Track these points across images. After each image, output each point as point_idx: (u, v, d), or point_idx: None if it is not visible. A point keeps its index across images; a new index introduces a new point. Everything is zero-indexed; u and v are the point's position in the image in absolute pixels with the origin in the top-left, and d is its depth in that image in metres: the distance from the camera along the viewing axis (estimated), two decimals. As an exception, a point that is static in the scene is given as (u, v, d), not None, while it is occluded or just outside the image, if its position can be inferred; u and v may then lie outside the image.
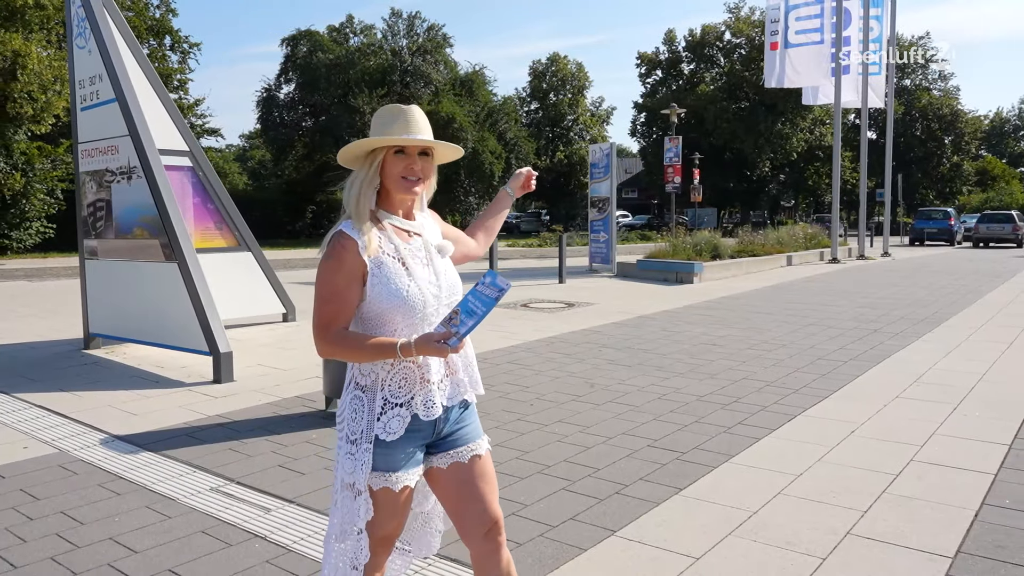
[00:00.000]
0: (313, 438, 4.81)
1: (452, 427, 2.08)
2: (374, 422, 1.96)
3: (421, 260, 2.03)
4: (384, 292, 1.93)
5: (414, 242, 2.05)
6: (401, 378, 1.97)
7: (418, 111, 2.04)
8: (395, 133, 1.98)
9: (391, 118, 2.00)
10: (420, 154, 2.01)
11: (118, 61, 7.04)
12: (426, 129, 2.03)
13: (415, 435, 1.99)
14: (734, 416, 5.22)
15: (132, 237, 7.12)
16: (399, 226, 2.04)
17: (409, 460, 1.99)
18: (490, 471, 2.13)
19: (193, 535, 3.37)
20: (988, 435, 4.73)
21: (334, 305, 1.94)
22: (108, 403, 5.67)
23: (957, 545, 3.20)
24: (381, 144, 1.98)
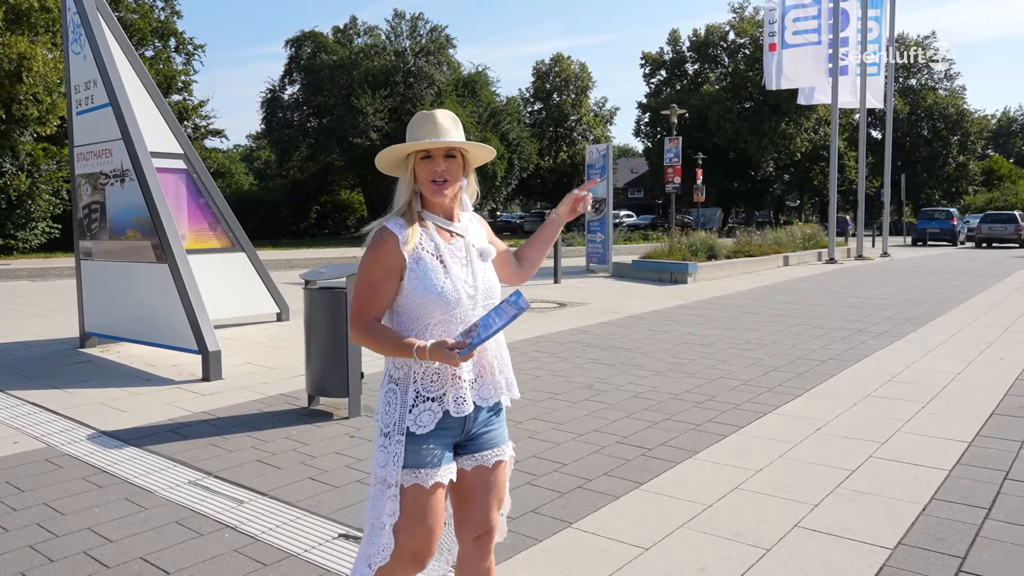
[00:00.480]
0: (293, 434, 4.96)
1: (480, 428, 2.12)
2: (406, 414, 2.01)
3: (460, 260, 2.09)
4: (420, 287, 2.00)
5: (455, 242, 2.11)
6: (434, 373, 2.02)
7: (444, 114, 2.10)
8: (421, 138, 2.05)
9: (418, 124, 2.08)
10: (447, 156, 2.06)
11: (111, 66, 7.21)
12: (452, 131, 2.07)
13: (445, 432, 2.03)
14: (705, 414, 5.34)
15: (125, 238, 7.29)
16: (441, 226, 2.11)
17: (440, 458, 2.02)
18: (504, 479, 2.19)
19: (167, 525, 3.52)
20: (951, 433, 4.83)
21: (368, 293, 2.03)
22: (98, 400, 5.83)
23: (899, 538, 3.32)
24: (405, 150, 2.06)
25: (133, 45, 27.13)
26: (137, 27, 30.76)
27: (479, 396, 2.08)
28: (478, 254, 2.13)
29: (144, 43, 31.21)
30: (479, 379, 2.08)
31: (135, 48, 28.20)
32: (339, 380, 5.32)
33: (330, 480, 4.10)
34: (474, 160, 2.17)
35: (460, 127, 2.12)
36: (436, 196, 2.08)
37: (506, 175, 37.50)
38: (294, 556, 3.19)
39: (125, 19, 30.55)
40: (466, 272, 2.07)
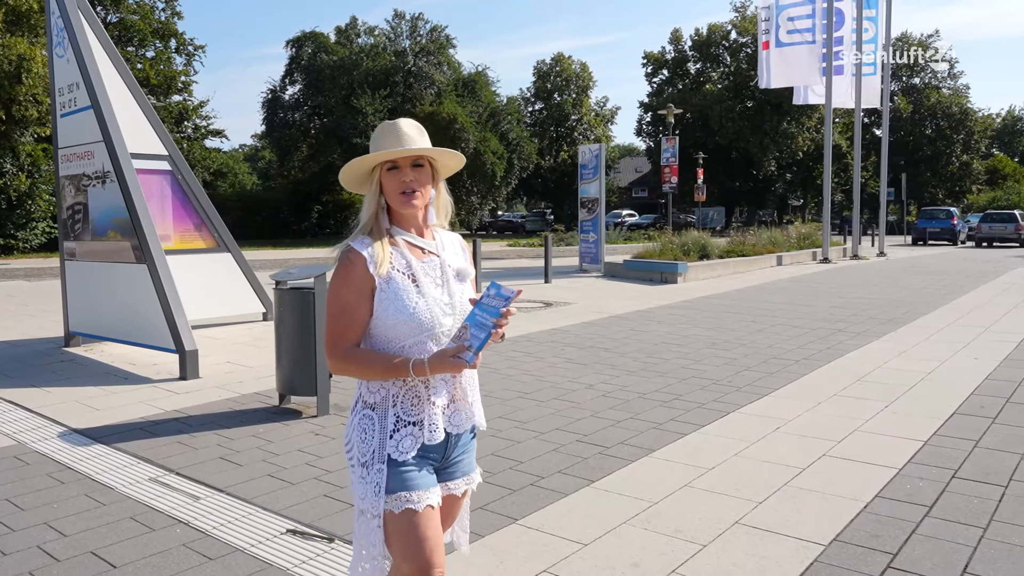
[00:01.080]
0: (260, 432, 5.04)
1: (459, 454, 2.04)
2: (386, 440, 1.90)
3: (435, 279, 1.98)
4: (391, 308, 1.89)
5: (429, 261, 2.00)
6: (413, 396, 1.93)
7: (408, 123, 2.01)
8: (385, 149, 1.95)
9: (382, 135, 1.99)
10: (415, 166, 1.96)
11: (93, 69, 7.31)
12: (418, 139, 1.98)
13: (425, 458, 1.95)
14: (669, 413, 5.40)
15: (106, 239, 7.38)
16: (413, 243, 2.00)
17: (427, 480, 1.94)
18: (465, 509, 2.17)
19: (121, 521, 3.61)
20: (908, 432, 4.88)
21: (343, 320, 1.91)
22: (74, 398, 5.93)
23: (835, 534, 3.38)
24: (370, 162, 1.97)
25: (134, 46, 27.14)
26: (137, 28, 30.95)
27: (450, 423, 1.99)
28: (455, 274, 2.01)
29: (145, 44, 31.41)
30: (452, 404, 1.99)
31: (136, 49, 28.28)
32: (308, 379, 5.40)
33: (288, 477, 4.18)
34: (444, 169, 2.06)
35: (426, 136, 2.03)
36: (406, 208, 1.96)
37: (506, 175, 37.56)
38: (240, 551, 3.27)
39: (125, 20, 30.75)
40: (441, 292, 1.97)
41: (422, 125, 2.07)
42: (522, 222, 49.20)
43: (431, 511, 1.91)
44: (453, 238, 2.12)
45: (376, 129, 2.03)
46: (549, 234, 15.68)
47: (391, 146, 1.95)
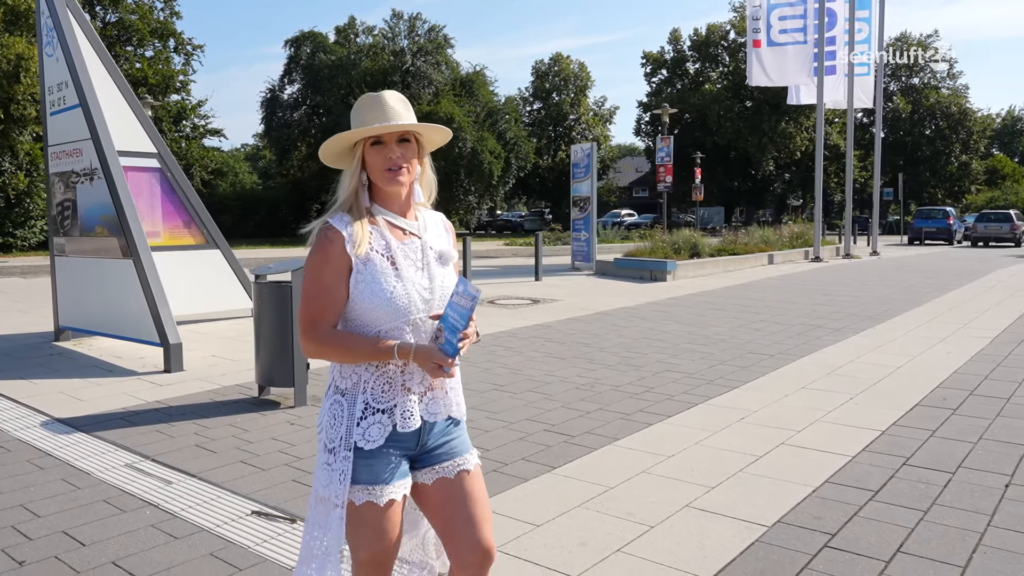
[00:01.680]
0: (237, 422, 5.17)
1: (438, 439, 1.95)
2: (353, 428, 1.85)
3: (415, 262, 1.90)
4: (367, 291, 1.82)
5: (410, 242, 1.92)
6: (385, 382, 1.86)
7: (393, 96, 1.91)
8: (369, 123, 1.85)
9: (365, 108, 1.89)
10: (401, 141, 1.88)
11: (81, 68, 7.44)
12: (403, 114, 1.89)
13: (396, 445, 1.88)
14: (638, 404, 5.53)
15: (94, 235, 7.52)
16: (394, 223, 1.92)
17: (394, 472, 1.87)
18: (480, 490, 1.99)
19: (94, 503, 3.74)
20: (869, 422, 5.00)
21: (321, 301, 1.84)
22: (59, 390, 6.06)
23: (779, 517, 3.51)
24: (353, 137, 1.87)
25: (133, 45, 27.29)
26: (136, 28, 31.11)
27: (427, 411, 1.91)
28: (436, 257, 1.94)
29: (144, 43, 31.58)
30: (428, 393, 1.92)
31: (135, 48, 28.40)
32: (286, 371, 5.53)
33: (260, 463, 4.31)
34: (429, 144, 1.98)
35: (411, 109, 1.94)
36: (392, 185, 1.88)
37: (503, 174, 37.67)
38: (206, 531, 3.40)
39: (124, 20, 30.91)
40: (421, 276, 1.89)
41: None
42: (521, 221, 49.34)
43: (393, 505, 1.86)
44: (436, 218, 2.05)
45: (358, 101, 1.92)
46: (540, 233, 15.78)
47: (376, 120, 1.85)
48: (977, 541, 3.23)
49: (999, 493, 3.76)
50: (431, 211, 2.05)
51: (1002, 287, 13.44)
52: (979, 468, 4.12)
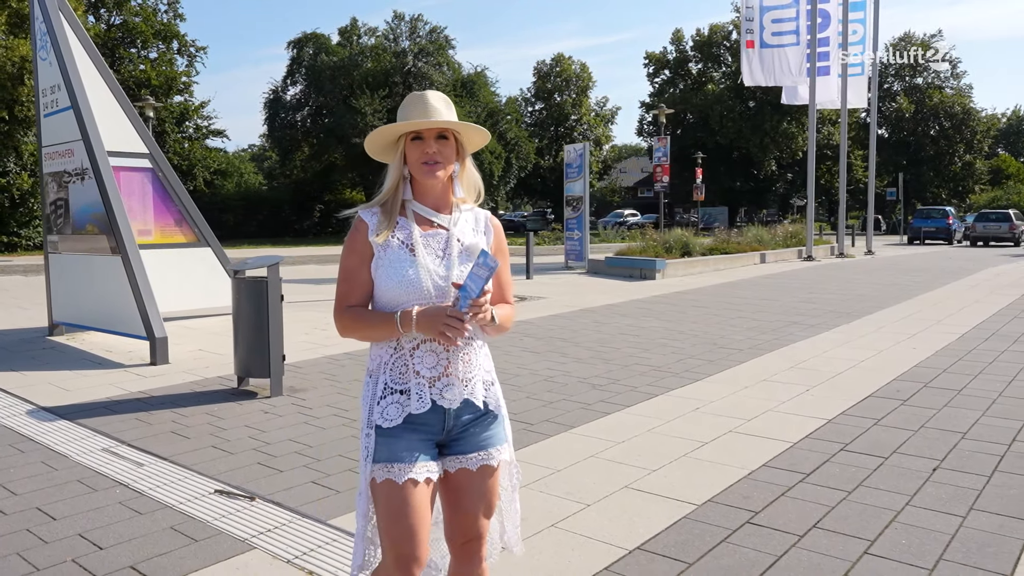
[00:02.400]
0: (214, 411, 5.40)
1: (462, 429, 1.99)
2: (374, 407, 1.94)
3: (435, 251, 1.97)
4: (384, 275, 1.93)
5: (435, 233, 1.99)
6: (402, 364, 1.94)
7: (436, 95, 2.01)
8: (411, 119, 1.96)
9: (409, 105, 1.99)
10: (439, 138, 1.97)
11: (73, 71, 7.69)
12: (444, 111, 1.98)
13: (421, 428, 1.93)
14: (601, 395, 5.73)
15: (86, 233, 7.77)
16: (423, 215, 2.01)
17: (414, 452, 1.91)
18: (492, 488, 2.03)
19: (68, 483, 3.97)
20: (818, 412, 5.20)
21: (347, 284, 1.99)
22: (48, 381, 6.31)
23: (710, 496, 3.71)
24: (395, 131, 1.98)
25: (136, 47, 27.60)
26: (140, 30, 31.45)
27: (442, 396, 1.94)
28: (462, 249, 1.99)
29: (147, 45, 31.93)
30: (444, 378, 1.94)
31: (139, 50, 28.70)
32: (262, 362, 5.76)
33: (229, 448, 4.54)
34: (469, 144, 2.07)
35: (452, 109, 2.03)
36: (428, 178, 1.97)
37: (504, 174, 37.89)
38: (169, 507, 3.63)
39: (128, 22, 31.26)
40: (439, 264, 1.95)
41: None
42: (523, 221, 49.54)
43: (413, 486, 1.87)
44: (479, 216, 2.10)
45: (404, 99, 2.03)
46: (530, 233, 16.01)
47: (417, 116, 1.95)
48: (892, 519, 3.42)
49: (925, 476, 3.96)
50: (475, 209, 2.10)
51: (986, 285, 13.58)
52: (912, 454, 4.31)
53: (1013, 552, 3.08)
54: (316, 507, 3.62)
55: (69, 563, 3.06)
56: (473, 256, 1.97)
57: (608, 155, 56.84)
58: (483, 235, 2.06)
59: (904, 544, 3.16)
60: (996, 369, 6.48)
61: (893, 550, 3.11)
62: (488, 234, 2.07)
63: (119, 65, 31.07)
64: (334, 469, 4.15)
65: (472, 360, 1.99)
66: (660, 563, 3.03)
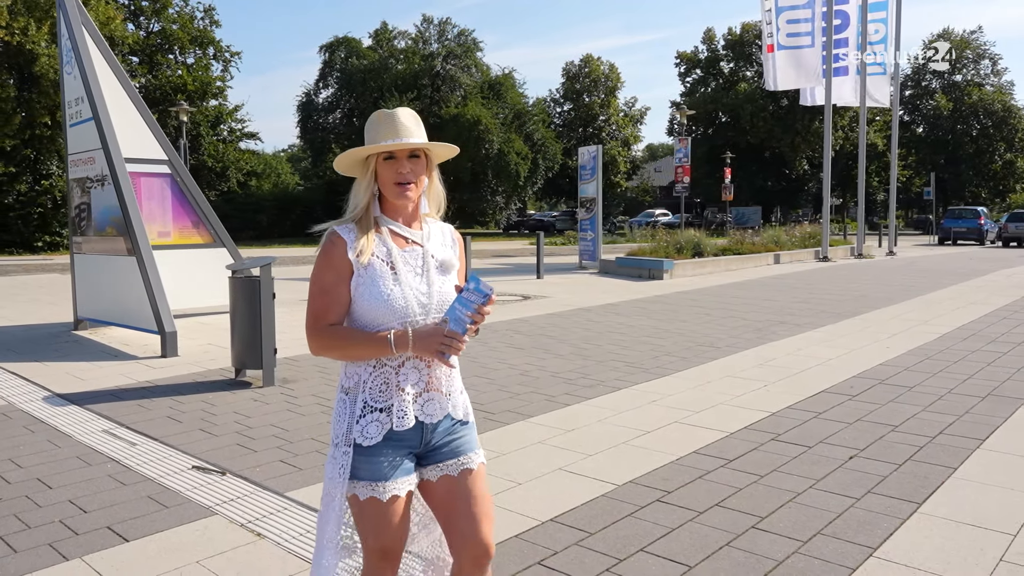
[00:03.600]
0: (209, 399, 5.90)
1: (443, 438, 2.03)
2: (353, 425, 1.93)
3: (414, 268, 1.99)
4: (366, 294, 1.92)
5: (411, 250, 2.02)
6: (382, 382, 1.94)
7: (405, 114, 2.01)
8: (382, 139, 1.97)
9: (379, 124, 1.98)
10: (411, 157, 1.98)
11: (94, 84, 8.30)
12: (414, 131, 2.00)
13: (398, 443, 1.95)
14: (567, 388, 6.11)
15: (105, 235, 8.38)
16: (397, 232, 2.02)
17: (396, 469, 1.94)
18: (482, 488, 2.06)
19: (68, 459, 4.48)
20: (766, 405, 5.50)
21: (323, 300, 1.95)
22: (66, 371, 6.89)
23: (632, 478, 4.07)
24: (367, 152, 1.98)
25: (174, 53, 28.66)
26: (177, 36, 32.57)
27: (423, 412, 1.98)
28: (437, 265, 2.02)
29: (184, 51, 33.05)
30: (425, 393, 1.98)
31: (176, 56, 29.76)
32: (255, 355, 6.26)
33: (215, 431, 5.02)
34: (437, 158, 2.09)
35: (422, 126, 2.05)
36: (400, 199, 1.99)
37: (530, 175, 38.28)
38: (150, 480, 4.11)
39: (166, 29, 32.39)
40: (420, 281, 1.98)
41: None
42: (553, 221, 49.90)
43: (396, 500, 1.94)
44: (444, 229, 2.14)
45: (372, 116, 2.03)
46: (540, 233, 16.38)
47: (388, 136, 1.96)
48: (790, 499, 3.75)
49: (839, 463, 4.26)
50: (439, 223, 2.14)
51: (993, 286, 13.58)
52: (836, 443, 4.61)
53: (888, 529, 3.39)
54: (277, 481, 4.07)
55: (56, 523, 3.55)
56: (446, 271, 2.03)
57: (639, 155, 56.89)
58: (450, 248, 2.10)
59: (790, 521, 3.49)
60: (958, 368, 6.70)
61: (778, 525, 3.45)
62: (454, 247, 2.12)
63: (157, 71, 32.22)
64: (303, 450, 4.60)
65: (452, 373, 2.04)
66: (566, 532, 3.41)
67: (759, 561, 3.10)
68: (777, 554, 3.16)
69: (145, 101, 27.88)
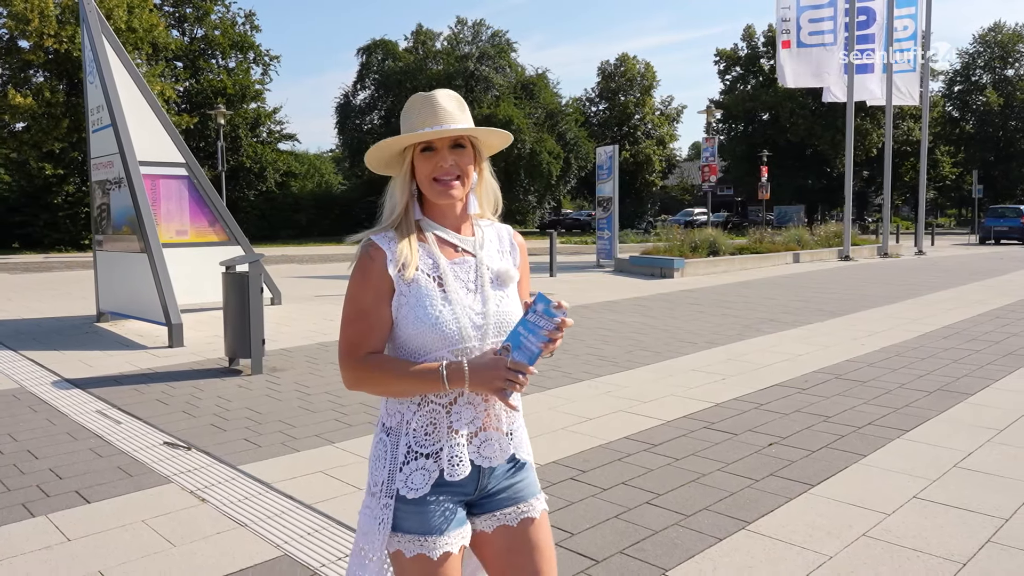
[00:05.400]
0: (199, 385, 6.40)
1: (500, 483, 1.72)
2: (396, 473, 1.64)
3: (466, 283, 1.69)
4: (411, 316, 1.62)
5: (462, 260, 1.71)
6: (429, 423, 1.64)
7: (445, 95, 1.70)
8: (419, 127, 1.65)
9: (415, 110, 1.68)
10: (455, 147, 1.67)
11: (113, 93, 8.91)
12: (457, 116, 1.67)
13: (450, 491, 1.66)
14: (534, 379, 6.41)
15: (122, 233, 8.99)
16: (444, 239, 1.72)
17: (448, 520, 1.65)
18: (545, 540, 1.76)
19: (59, 434, 4.99)
20: (714, 398, 5.74)
21: (361, 325, 1.65)
22: (79, 359, 7.48)
23: (557, 458, 4.39)
24: (402, 143, 1.68)
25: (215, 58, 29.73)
26: (218, 42, 33.76)
27: (480, 455, 1.67)
28: (492, 278, 1.72)
29: (225, 56, 34.23)
30: (481, 433, 1.68)
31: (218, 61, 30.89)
32: (245, 345, 6.73)
33: (196, 413, 5.49)
34: (487, 148, 1.77)
35: (467, 110, 1.72)
36: (443, 198, 1.68)
37: (563, 174, 38.54)
38: (124, 453, 4.58)
39: (208, 35, 33.60)
40: (474, 299, 1.67)
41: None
42: (588, 220, 50.05)
43: (449, 558, 1.64)
44: (501, 232, 1.83)
45: (408, 101, 1.72)
46: (553, 231, 16.66)
47: (426, 124, 1.65)
48: (693, 479, 4.03)
49: (755, 450, 4.52)
50: (495, 225, 1.83)
51: (1004, 286, 13.42)
52: (763, 432, 4.86)
53: (771, 507, 3.66)
54: (235, 456, 4.51)
55: (33, 487, 4.03)
56: (504, 284, 1.73)
57: (680, 154, 56.67)
58: (508, 255, 1.79)
59: (683, 498, 3.78)
60: (922, 364, 6.83)
61: (670, 501, 3.74)
62: (514, 253, 1.81)
63: (200, 75, 33.42)
64: (267, 431, 5.04)
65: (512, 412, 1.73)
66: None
67: (637, 531, 3.41)
68: (657, 525, 3.46)
69: (188, 105, 28.98)
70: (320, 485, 4.03)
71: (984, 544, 3.23)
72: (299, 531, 3.45)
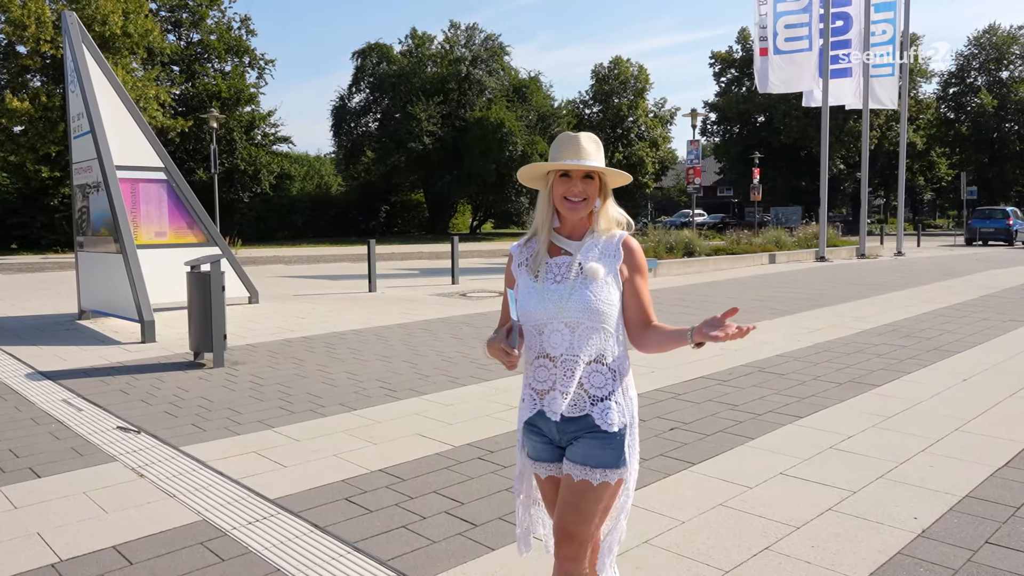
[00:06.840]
0: (162, 377, 6.82)
1: (567, 438, 2.17)
2: (521, 405, 2.26)
3: (555, 275, 2.16)
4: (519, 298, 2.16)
5: (561, 259, 2.18)
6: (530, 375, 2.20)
7: (587, 137, 2.19)
8: (562, 158, 2.15)
9: (562, 145, 2.17)
10: (586, 177, 2.15)
11: (92, 101, 9.35)
12: (592, 154, 2.16)
13: (538, 431, 2.21)
14: (478, 372, 6.85)
15: (100, 235, 9.43)
16: (556, 243, 2.21)
17: (539, 451, 2.22)
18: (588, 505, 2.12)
19: (24, 420, 5.42)
20: (659, 384, 6.14)
21: (503, 308, 2.30)
22: (54, 353, 7.91)
23: (470, 441, 4.80)
24: (545, 168, 2.20)
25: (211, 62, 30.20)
26: (213, 47, 34.28)
27: (548, 408, 2.15)
28: (578, 272, 2.14)
29: (221, 60, 34.74)
30: (551, 392, 2.14)
31: (213, 65, 31.37)
32: (207, 339, 7.16)
33: (153, 402, 5.91)
34: (612, 183, 2.24)
35: (601, 150, 2.22)
36: (569, 213, 2.18)
37: (554, 176, 38.89)
38: (79, 436, 5.01)
39: (204, 39, 34.10)
40: (559, 287, 2.13)
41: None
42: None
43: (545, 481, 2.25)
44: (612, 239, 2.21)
45: (558, 137, 2.22)
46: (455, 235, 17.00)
47: (568, 157, 2.15)
48: (589, 458, 4.44)
49: (655, 433, 4.92)
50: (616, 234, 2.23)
51: (963, 286, 13.78)
52: (667, 418, 5.26)
53: (648, 482, 4.06)
54: (180, 439, 4.93)
55: (-9, 465, 4.46)
56: (592, 277, 2.13)
57: (678, 155, 57.00)
58: (611, 257, 2.18)
59: (573, 473, 4.19)
60: (845, 359, 7.22)
61: (559, 476, 4.15)
62: (617, 256, 2.19)
63: (196, 79, 33.92)
64: (215, 417, 5.46)
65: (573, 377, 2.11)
66: (383, 478, 4.18)
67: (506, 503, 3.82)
68: (540, 496, 3.87)
69: (184, 108, 29.36)
70: (251, 463, 4.44)
71: (824, 512, 3.64)
72: (220, 501, 3.87)
